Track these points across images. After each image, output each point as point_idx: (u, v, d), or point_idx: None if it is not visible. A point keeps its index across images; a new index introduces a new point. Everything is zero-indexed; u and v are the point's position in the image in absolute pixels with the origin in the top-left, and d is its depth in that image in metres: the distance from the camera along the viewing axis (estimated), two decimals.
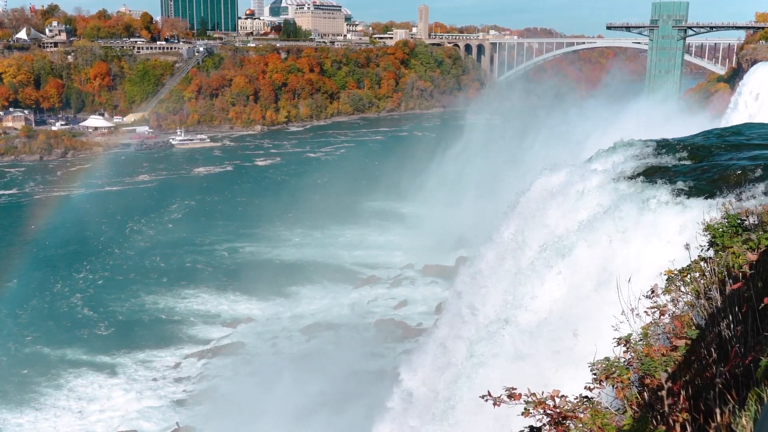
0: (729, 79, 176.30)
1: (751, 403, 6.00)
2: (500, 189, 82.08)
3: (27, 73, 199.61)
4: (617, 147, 29.79)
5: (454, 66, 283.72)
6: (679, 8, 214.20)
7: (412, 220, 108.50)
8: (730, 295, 8.21)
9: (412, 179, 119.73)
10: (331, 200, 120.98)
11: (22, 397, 61.30)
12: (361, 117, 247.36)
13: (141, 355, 69.23)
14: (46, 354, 69.17)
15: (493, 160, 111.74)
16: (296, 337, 72.56)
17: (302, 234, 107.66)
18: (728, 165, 25.86)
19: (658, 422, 7.43)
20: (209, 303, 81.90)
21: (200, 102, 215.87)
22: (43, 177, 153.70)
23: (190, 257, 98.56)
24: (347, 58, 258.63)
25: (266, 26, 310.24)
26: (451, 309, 35.56)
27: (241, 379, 63.89)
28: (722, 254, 9.87)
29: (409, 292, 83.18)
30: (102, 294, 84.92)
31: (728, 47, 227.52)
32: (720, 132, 35.50)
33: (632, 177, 26.37)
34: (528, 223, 29.59)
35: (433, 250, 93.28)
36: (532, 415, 8.25)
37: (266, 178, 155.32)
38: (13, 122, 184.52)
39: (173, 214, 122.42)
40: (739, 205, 18.64)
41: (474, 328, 29.30)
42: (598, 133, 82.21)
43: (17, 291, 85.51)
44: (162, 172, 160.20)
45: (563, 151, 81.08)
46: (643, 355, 8.54)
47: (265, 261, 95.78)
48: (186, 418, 57.79)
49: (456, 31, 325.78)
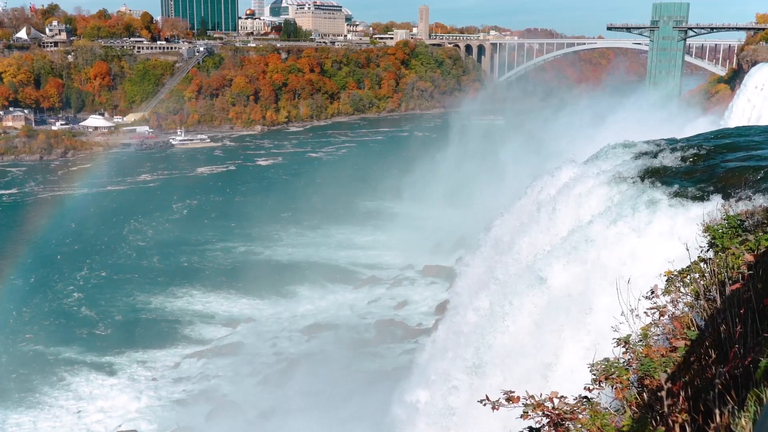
0: (729, 80, 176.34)
1: (750, 404, 6.00)
2: (501, 189, 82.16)
3: (27, 72, 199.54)
4: (617, 147, 29.80)
5: (454, 66, 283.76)
6: (680, 9, 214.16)
7: (413, 220, 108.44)
8: (729, 296, 8.21)
9: (413, 179, 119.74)
10: (331, 201, 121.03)
11: (22, 397, 61.26)
12: (361, 117, 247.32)
13: (141, 354, 69.16)
14: (45, 353, 69.12)
15: (494, 161, 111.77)
16: (296, 337, 72.51)
17: (302, 234, 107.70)
18: (728, 166, 25.86)
19: (658, 423, 7.43)
20: (209, 303, 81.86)
21: (200, 102, 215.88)
22: (44, 177, 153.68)
23: (190, 257, 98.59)
24: (347, 59, 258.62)
25: (266, 26, 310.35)
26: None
27: (241, 379, 63.88)
28: (722, 255, 9.88)
29: (409, 293, 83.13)
30: (101, 293, 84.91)
31: (729, 48, 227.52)
32: (720, 133, 35.52)
33: (632, 177, 26.36)
34: (525, 227, 29.59)
35: (433, 251, 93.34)
36: (531, 417, 8.25)
37: (266, 178, 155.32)
38: (13, 122, 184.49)
39: (173, 214, 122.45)
40: (739, 206, 18.63)
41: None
42: (599, 133, 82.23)
43: (17, 290, 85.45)
44: (162, 172, 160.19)
45: (564, 152, 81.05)
46: (642, 355, 8.54)
47: (265, 261, 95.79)
48: (186, 418, 57.71)
49: (456, 31, 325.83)
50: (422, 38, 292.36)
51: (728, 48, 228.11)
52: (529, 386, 8.92)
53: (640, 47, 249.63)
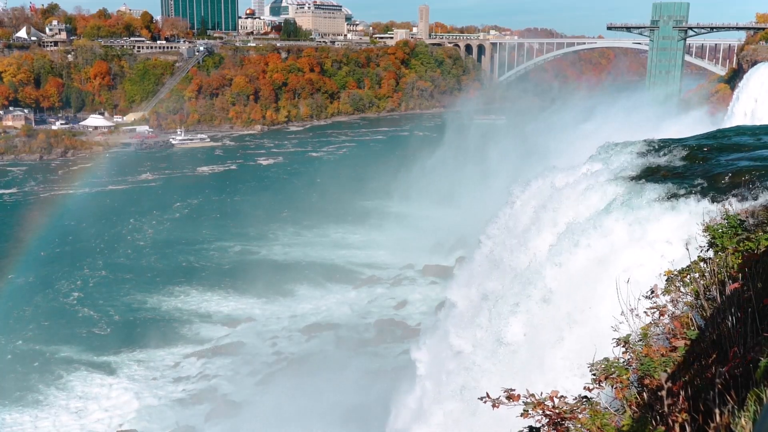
0: (729, 79, 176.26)
1: (750, 403, 5.99)
2: (502, 189, 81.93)
3: (27, 72, 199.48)
4: (616, 147, 29.78)
5: (454, 66, 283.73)
6: (680, 9, 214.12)
7: (413, 220, 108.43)
8: (729, 296, 8.21)
9: (413, 179, 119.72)
10: (331, 200, 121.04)
11: (21, 396, 61.25)
12: (361, 117, 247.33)
13: (140, 354, 69.16)
14: (45, 352, 69.11)
15: (495, 161, 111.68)
16: (296, 337, 72.52)
17: (302, 234, 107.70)
18: (728, 166, 25.84)
19: (658, 423, 7.42)
20: (208, 302, 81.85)
21: (200, 102, 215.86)
22: (44, 176, 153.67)
23: (190, 256, 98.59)
24: (347, 58, 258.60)
25: (266, 26, 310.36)
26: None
27: (241, 379, 63.87)
28: (722, 255, 9.87)
29: (409, 292, 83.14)
30: (101, 293, 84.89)
31: (729, 48, 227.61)
32: (720, 133, 35.51)
33: (631, 177, 26.35)
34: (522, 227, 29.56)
35: (433, 250, 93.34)
36: (531, 416, 8.24)
37: (266, 178, 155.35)
38: (13, 121, 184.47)
39: (173, 214, 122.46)
40: (739, 205, 18.63)
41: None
42: (599, 133, 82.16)
43: (17, 290, 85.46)
44: (162, 171, 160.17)
45: (563, 152, 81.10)
46: (642, 355, 8.53)
47: (265, 261, 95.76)
48: (186, 418, 57.72)
49: (456, 31, 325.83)
50: (422, 38, 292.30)
51: (728, 48, 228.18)
52: (529, 387, 8.91)
53: (640, 47, 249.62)
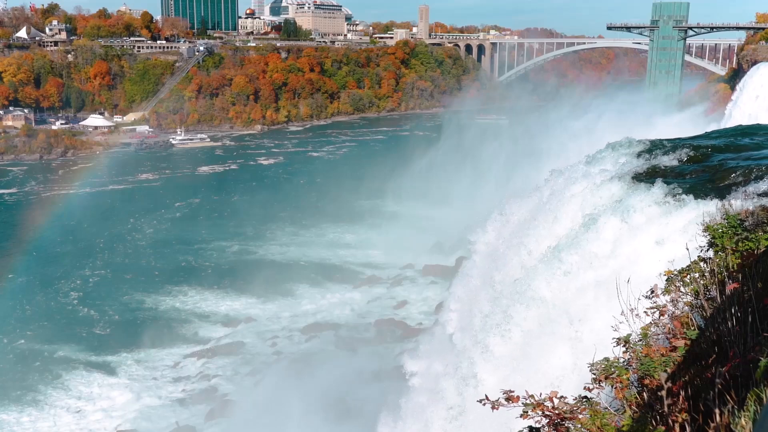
0: (729, 79, 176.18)
1: (750, 403, 5.99)
2: (503, 189, 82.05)
3: (27, 72, 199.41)
4: (616, 147, 29.78)
5: (454, 66, 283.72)
6: (680, 9, 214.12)
7: (413, 219, 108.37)
8: (729, 296, 8.20)
9: (413, 179, 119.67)
10: (331, 200, 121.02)
11: (21, 396, 61.21)
12: (361, 117, 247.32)
13: (140, 354, 69.11)
14: (45, 352, 69.08)
15: (496, 161, 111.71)
16: (296, 337, 72.49)
17: (302, 234, 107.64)
18: (728, 166, 25.84)
19: (658, 423, 7.42)
20: (208, 302, 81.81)
21: (200, 101, 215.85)
22: (44, 176, 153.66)
23: (190, 256, 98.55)
24: (347, 58, 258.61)
25: (266, 26, 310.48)
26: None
27: (240, 378, 63.85)
28: (721, 255, 9.87)
29: (409, 292, 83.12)
30: (101, 292, 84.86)
31: (729, 48, 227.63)
32: (720, 133, 35.51)
33: (631, 177, 26.34)
34: (522, 227, 29.57)
35: (433, 250, 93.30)
36: (531, 417, 8.23)
37: (266, 178, 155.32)
38: (13, 121, 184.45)
39: (173, 213, 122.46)
40: (738, 205, 18.62)
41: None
42: (600, 133, 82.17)
43: (17, 289, 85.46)
44: (162, 171, 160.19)
45: (564, 151, 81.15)
46: (642, 355, 8.53)
47: (265, 260, 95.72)
48: (186, 418, 57.71)
49: (456, 31, 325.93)
50: (422, 38, 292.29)
51: (728, 47, 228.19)
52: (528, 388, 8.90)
53: (640, 47, 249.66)
